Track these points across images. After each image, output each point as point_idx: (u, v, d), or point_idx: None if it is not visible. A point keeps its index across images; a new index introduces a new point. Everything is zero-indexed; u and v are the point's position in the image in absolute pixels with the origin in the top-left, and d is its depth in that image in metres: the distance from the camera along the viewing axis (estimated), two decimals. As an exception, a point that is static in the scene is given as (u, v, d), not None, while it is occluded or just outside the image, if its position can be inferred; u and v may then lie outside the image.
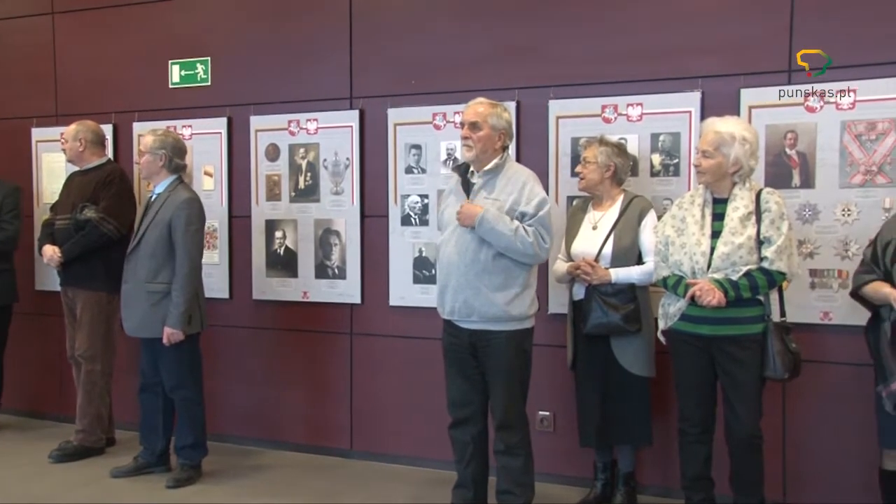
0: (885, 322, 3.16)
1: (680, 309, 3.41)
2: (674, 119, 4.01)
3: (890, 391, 3.13)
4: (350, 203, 4.70)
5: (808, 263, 3.77)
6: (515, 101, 4.28)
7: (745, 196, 3.35)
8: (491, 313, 3.42)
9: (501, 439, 3.54)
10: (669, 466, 3.94)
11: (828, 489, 3.83)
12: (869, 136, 3.66)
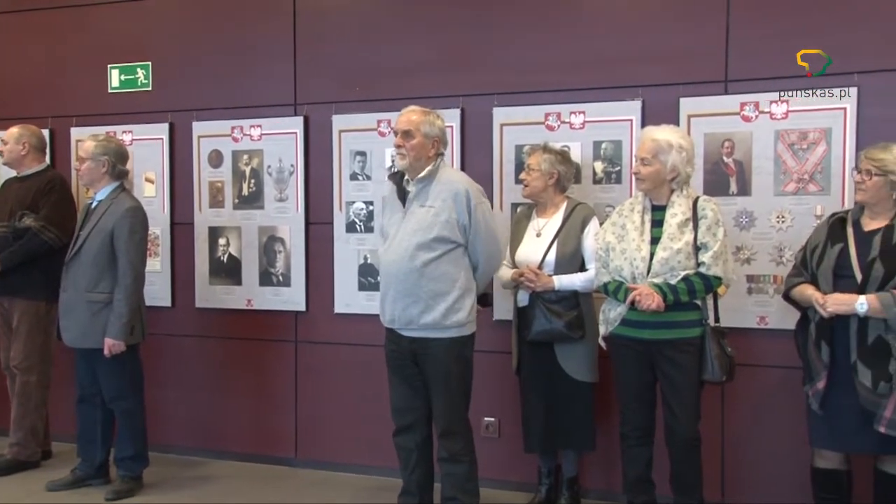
0: (811, 323, 3.26)
1: (620, 314, 3.47)
2: (616, 127, 4.06)
3: (816, 390, 3.22)
4: (295, 210, 4.67)
5: (745, 269, 3.85)
6: (460, 108, 4.31)
7: (683, 203, 3.43)
8: (430, 321, 3.43)
9: (444, 447, 3.54)
10: (612, 470, 3.99)
11: (765, 489, 3.91)
12: (801, 145, 3.76)
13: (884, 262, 3.10)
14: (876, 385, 3.07)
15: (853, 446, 3.25)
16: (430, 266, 3.41)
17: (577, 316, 3.69)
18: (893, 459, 3.24)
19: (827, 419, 3.22)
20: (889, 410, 3.05)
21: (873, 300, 3.06)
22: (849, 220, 3.26)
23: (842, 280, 3.17)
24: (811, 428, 3.34)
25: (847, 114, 3.65)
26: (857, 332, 3.12)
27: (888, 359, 3.07)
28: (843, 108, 3.66)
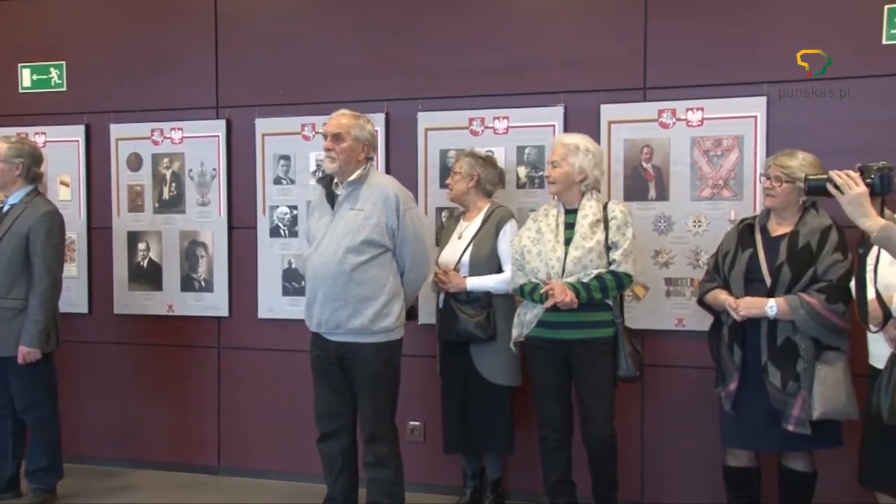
0: (724, 326, 3.37)
1: (536, 315, 3.54)
2: (539, 132, 4.12)
3: (728, 392, 3.33)
4: (217, 214, 4.60)
5: (663, 272, 3.95)
6: (384, 112, 4.31)
7: (594, 206, 3.56)
8: (358, 325, 3.42)
9: (371, 451, 3.53)
10: (536, 472, 4.02)
11: (683, 487, 4.00)
12: (715, 151, 3.88)
13: (791, 266, 3.22)
14: (785, 385, 3.18)
15: (762, 444, 3.38)
16: (359, 270, 3.40)
17: (486, 316, 3.73)
18: (797, 456, 3.37)
19: (738, 419, 3.33)
20: (797, 409, 3.17)
21: (782, 303, 3.18)
22: (757, 226, 3.38)
23: (752, 284, 3.29)
24: (723, 428, 3.45)
25: (757, 122, 3.79)
26: (767, 335, 3.24)
27: (796, 359, 3.19)
28: (753, 116, 3.79)
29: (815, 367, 3.18)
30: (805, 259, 3.21)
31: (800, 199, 3.29)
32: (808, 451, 3.36)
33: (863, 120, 3.66)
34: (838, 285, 3.16)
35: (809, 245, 3.22)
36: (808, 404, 3.16)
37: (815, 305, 3.14)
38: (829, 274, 3.18)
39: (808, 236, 3.24)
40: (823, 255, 3.20)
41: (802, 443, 3.26)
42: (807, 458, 3.38)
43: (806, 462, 3.38)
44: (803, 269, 3.20)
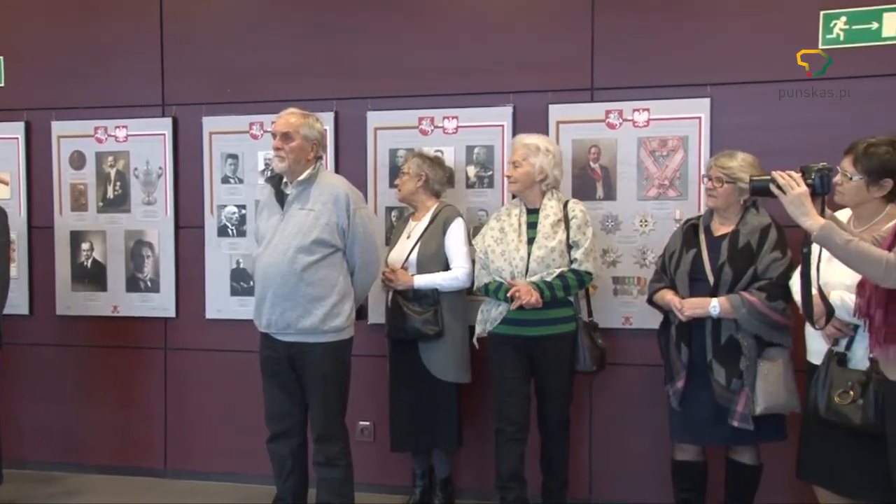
0: (672, 326, 3.43)
1: (501, 313, 3.62)
2: (488, 132, 4.15)
3: (676, 389, 3.40)
4: (163, 213, 4.54)
5: (611, 271, 4.00)
6: (334, 111, 4.29)
7: (554, 205, 3.64)
8: (308, 325, 3.40)
9: (321, 451, 3.52)
10: (484, 470, 4.06)
11: (630, 484, 4.06)
12: (661, 152, 3.94)
13: (732, 265, 3.30)
14: (729, 382, 3.26)
15: (709, 439, 3.46)
16: (310, 270, 3.38)
17: (433, 314, 3.75)
18: (744, 450, 3.45)
19: (685, 415, 3.41)
20: (741, 406, 3.24)
21: (724, 302, 3.26)
22: (700, 226, 3.46)
23: (697, 284, 3.36)
24: (671, 423, 3.52)
25: (702, 123, 3.86)
26: (711, 333, 3.32)
27: (739, 357, 3.27)
28: (698, 117, 3.87)
29: (757, 365, 3.26)
30: (746, 258, 3.29)
31: (741, 199, 3.37)
32: (754, 445, 3.44)
33: (803, 122, 3.75)
34: (778, 283, 3.24)
35: (750, 244, 3.30)
36: (752, 400, 3.24)
37: (756, 304, 3.22)
38: (768, 272, 3.26)
39: (748, 235, 3.32)
40: (763, 254, 3.28)
41: (748, 437, 3.33)
42: (753, 451, 3.46)
43: (752, 455, 3.46)
44: (744, 268, 3.28)
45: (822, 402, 2.95)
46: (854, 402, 2.86)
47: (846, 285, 2.87)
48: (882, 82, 3.66)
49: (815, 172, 2.65)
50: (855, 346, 2.95)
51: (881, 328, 2.56)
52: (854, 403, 2.86)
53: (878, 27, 3.66)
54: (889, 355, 2.56)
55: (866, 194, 2.95)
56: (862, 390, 2.84)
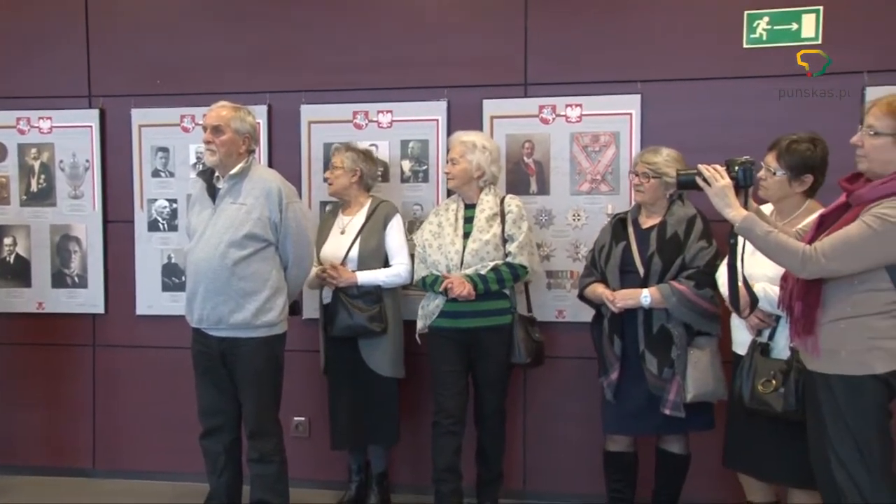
0: (604, 319, 3.49)
1: (438, 306, 3.65)
2: (422, 127, 4.15)
3: (610, 381, 3.45)
4: (91, 208, 4.43)
5: (545, 265, 4.04)
6: (267, 105, 4.24)
7: (491, 200, 3.68)
8: (240, 320, 3.37)
9: (254, 447, 3.49)
10: (420, 464, 4.08)
11: (563, 475, 4.11)
12: (594, 147, 4.00)
13: (661, 255, 3.37)
14: (661, 371, 3.33)
15: (642, 430, 3.53)
16: (241, 264, 3.35)
17: (378, 311, 3.75)
18: (673, 440, 3.53)
19: (619, 406, 3.47)
20: (672, 394, 3.32)
21: (655, 292, 3.33)
22: (629, 220, 3.53)
23: (627, 276, 3.43)
24: (604, 415, 3.58)
25: (632, 119, 3.93)
26: (643, 324, 3.38)
27: (671, 346, 3.34)
28: (629, 113, 3.93)
29: (687, 353, 3.34)
30: (674, 248, 3.37)
31: (667, 193, 3.44)
32: (683, 435, 3.52)
33: (727, 119, 3.84)
34: (705, 271, 3.32)
35: (677, 234, 3.38)
36: (683, 388, 3.31)
37: (685, 292, 3.29)
38: (696, 261, 3.34)
39: (675, 226, 3.39)
40: (690, 244, 3.36)
41: (678, 426, 3.41)
42: (682, 441, 3.54)
43: (681, 445, 3.54)
44: (672, 258, 3.35)
45: (747, 391, 3.04)
46: (776, 390, 2.95)
47: (769, 277, 2.97)
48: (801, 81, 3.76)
49: (739, 166, 2.74)
50: (777, 337, 3.05)
51: (800, 319, 2.66)
52: (776, 392, 2.95)
53: (798, 28, 3.77)
54: (807, 345, 2.66)
55: (788, 189, 3.05)
56: (783, 379, 2.93)
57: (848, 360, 2.57)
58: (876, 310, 2.55)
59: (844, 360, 2.58)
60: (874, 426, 2.58)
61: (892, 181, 2.53)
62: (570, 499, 4.07)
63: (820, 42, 3.72)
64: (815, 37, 3.74)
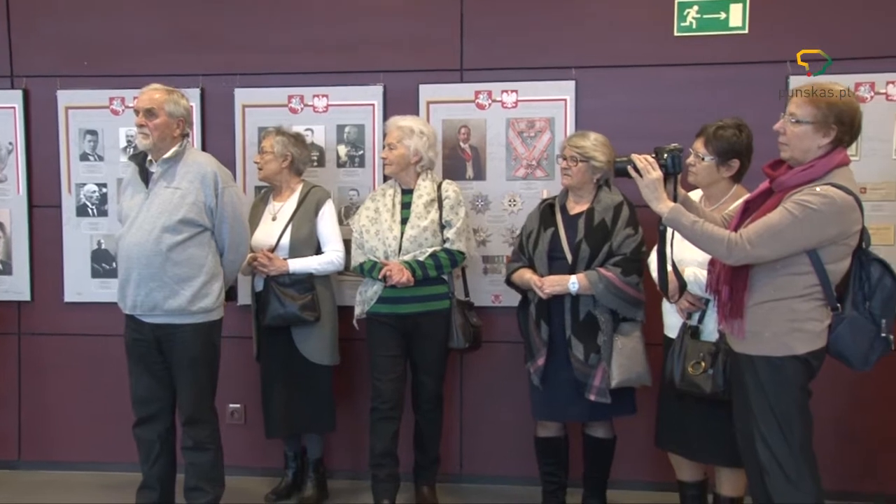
0: (531, 304, 3.52)
1: (376, 292, 3.65)
2: (358, 111, 4.13)
3: (537, 367, 3.48)
4: (15, 192, 4.30)
5: (481, 250, 4.07)
6: (200, 88, 4.17)
7: (429, 186, 3.68)
8: (176, 306, 3.32)
9: (189, 435, 3.45)
10: (357, 450, 4.10)
11: (499, 459, 4.16)
12: (529, 133, 4.04)
13: (588, 242, 3.40)
14: (587, 357, 3.37)
15: (568, 416, 3.56)
16: (176, 250, 3.29)
17: (311, 299, 3.73)
18: (597, 424, 3.58)
19: (546, 392, 3.49)
20: (598, 380, 3.35)
21: (582, 279, 3.36)
22: (557, 206, 3.56)
23: (555, 262, 3.45)
24: (532, 401, 3.61)
25: (567, 105, 3.97)
26: (570, 310, 3.41)
27: (597, 332, 3.38)
28: (563, 99, 3.98)
29: (613, 339, 3.38)
30: (601, 235, 3.40)
31: (594, 178, 3.48)
32: (608, 420, 3.58)
33: (659, 105, 3.91)
34: (632, 258, 3.37)
35: (604, 221, 3.42)
36: (608, 374, 3.35)
37: (613, 279, 3.33)
38: (622, 248, 3.39)
39: (602, 213, 3.43)
40: (617, 231, 3.40)
41: (603, 412, 3.46)
42: (607, 426, 3.59)
43: (606, 430, 3.60)
44: (600, 245, 3.39)
45: (678, 373, 3.12)
46: (705, 372, 3.03)
47: (699, 262, 3.04)
48: (729, 69, 3.86)
49: (668, 153, 2.80)
50: (706, 320, 3.13)
51: (727, 303, 2.74)
52: (705, 374, 3.03)
53: (726, 17, 3.86)
54: (734, 328, 2.73)
55: (716, 174, 3.13)
56: (712, 361, 3.03)
57: (771, 341, 2.66)
58: (797, 293, 2.63)
59: (768, 342, 2.66)
60: (795, 405, 2.67)
61: (811, 168, 2.62)
62: (507, 481, 4.12)
63: (747, 31, 3.83)
64: (742, 26, 3.84)
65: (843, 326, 2.66)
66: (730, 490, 3.24)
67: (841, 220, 2.58)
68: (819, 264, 2.61)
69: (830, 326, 2.68)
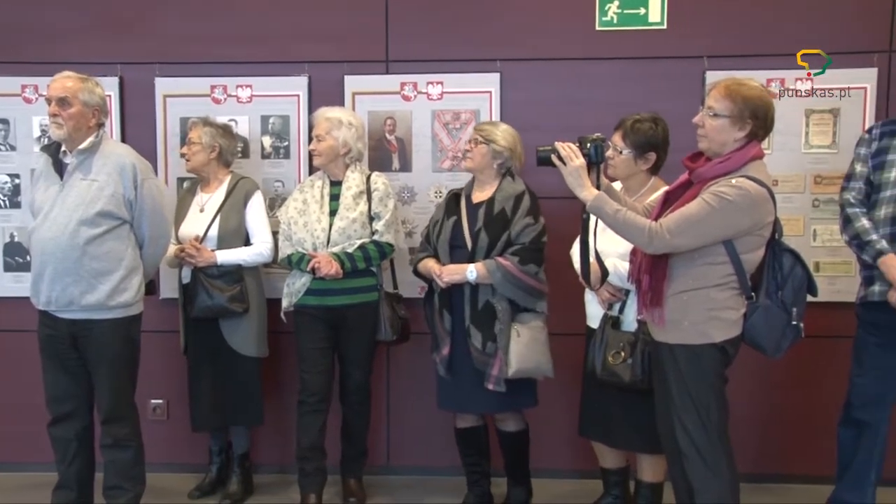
0: (435, 294, 3.53)
1: (304, 284, 3.62)
2: (283, 102, 4.08)
3: (442, 357, 3.49)
4: (-79, 182, 4.14)
5: (407, 242, 4.06)
6: (118, 76, 4.07)
7: (357, 178, 3.68)
8: (93, 301, 3.23)
9: (108, 433, 3.36)
10: (283, 443, 4.06)
11: (426, 449, 4.17)
12: (454, 125, 4.05)
13: (487, 231, 3.41)
14: (485, 346, 3.37)
15: (470, 406, 3.56)
16: (94, 243, 3.21)
17: (240, 290, 3.70)
18: (506, 418, 3.59)
19: (452, 382, 3.50)
20: (495, 369, 3.36)
21: (480, 267, 3.37)
22: (462, 195, 3.58)
23: (456, 250, 3.46)
24: (439, 392, 3.62)
25: (492, 97, 3.99)
26: (469, 299, 3.42)
27: (494, 321, 3.38)
28: (488, 91, 3.99)
29: (510, 328, 3.38)
30: (500, 224, 3.41)
31: (494, 163, 3.49)
32: (517, 412, 3.59)
33: (581, 98, 3.96)
34: (530, 247, 3.39)
35: (504, 210, 3.43)
36: (505, 363, 3.35)
37: (510, 268, 3.34)
38: (521, 237, 3.40)
39: (503, 202, 3.44)
40: (517, 220, 3.41)
41: (503, 404, 3.48)
42: (518, 418, 3.61)
43: (517, 422, 3.61)
44: (499, 234, 3.40)
45: (599, 362, 3.18)
46: (625, 361, 3.10)
47: (620, 253, 3.10)
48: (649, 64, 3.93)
49: (591, 143, 2.85)
50: (627, 310, 3.20)
51: (647, 292, 2.80)
52: (625, 363, 3.10)
53: (646, 13, 3.93)
54: (653, 317, 2.80)
55: (634, 167, 3.20)
56: (632, 350, 3.09)
57: (690, 329, 2.73)
58: (714, 282, 2.71)
59: (686, 330, 2.74)
60: (712, 391, 2.75)
61: (728, 161, 2.70)
62: (434, 472, 4.14)
63: (665, 27, 3.91)
64: (661, 21, 3.92)
65: (757, 315, 2.75)
66: (650, 476, 3.33)
67: (755, 212, 2.66)
68: (734, 254, 2.69)
69: (745, 315, 2.76)
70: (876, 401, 3.27)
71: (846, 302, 3.64)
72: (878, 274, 3.17)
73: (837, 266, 3.92)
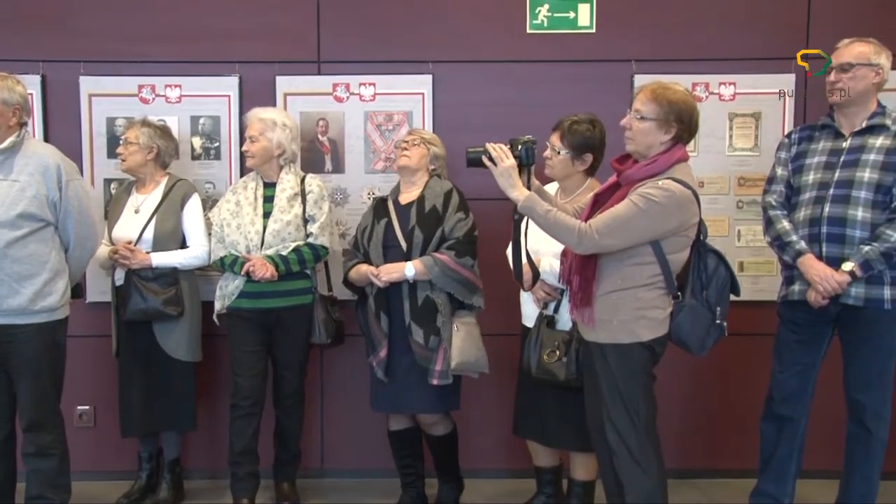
0: (369, 298, 3.52)
1: (238, 286, 3.59)
2: (213, 102, 4.03)
3: (379, 359, 3.48)
4: None
5: (341, 244, 4.04)
6: (41, 74, 3.96)
7: (292, 179, 3.66)
8: (16, 306, 3.14)
9: (31, 441, 3.26)
10: (214, 448, 4.01)
11: (359, 453, 4.16)
12: (387, 126, 4.05)
13: (421, 229, 3.44)
14: (427, 340, 3.39)
15: (408, 407, 3.56)
16: (16, 246, 3.11)
17: (174, 294, 3.64)
18: (435, 423, 3.60)
19: (390, 384, 3.50)
20: (439, 363, 3.39)
21: (418, 264, 3.39)
22: (389, 198, 3.60)
23: (390, 251, 3.48)
24: (372, 394, 3.62)
25: (424, 98, 4.01)
26: (408, 296, 3.43)
27: (436, 315, 3.41)
28: (421, 93, 4.01)
29: (452, 321, 3.43)
30: (433, 221, 3.45)
31: (429, 167, 3.55)
32: (443, 415, 3.60)
33: (513, 100, 4.01)
34: (465, 241, 3.44)
35: (435, 207, 3.47)
36: (448, 356, 3.38)
37: (447, 261, 3.38)
38: (455, 232, 3.44)
39: (433, 200, 3.48)
40: (448, 216, 3.46)
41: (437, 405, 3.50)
42: (447, 422, 3.63)
43: (445, 425, 3.63)
44: (433, 231, 3.44)
45: (534, 361, 3.21)
46: (559, 360, 3.15)
47: (554, 252, 3.13)
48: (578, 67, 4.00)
49: (522, 145, 2.88)
50: (562, 309, 3.25)
51: (578, 292, 2.84)
52: (559, 361, 3.15)
53: (575, 16, 4.00)
54: (584, 317, 2.84)
55: (571, 168, 3.25)
56: (566, 349, 3.14)
57: (618, 329, 2.78)
58: (642, 282, 2.77)
59: (616, 330, 2.79)
60: (641, 389, 2.81)
61: (654, 163, 2.76)
62: (368, 475, 4.13)
63: (594, 31, 3.98)
64: (590, 25, 3.99)
65: (683, 314, 2.81)
66: (583, 474, 3.38)
67: (680, 213, 2.73)
68: (661, 255, 2.75)
69: (672, 314, 2.83)
70: (796, 396, 3.37)
71: (768, 300, 3.75)
72: (797, 274, 3.27)
73: (760, 266, 4.05)
